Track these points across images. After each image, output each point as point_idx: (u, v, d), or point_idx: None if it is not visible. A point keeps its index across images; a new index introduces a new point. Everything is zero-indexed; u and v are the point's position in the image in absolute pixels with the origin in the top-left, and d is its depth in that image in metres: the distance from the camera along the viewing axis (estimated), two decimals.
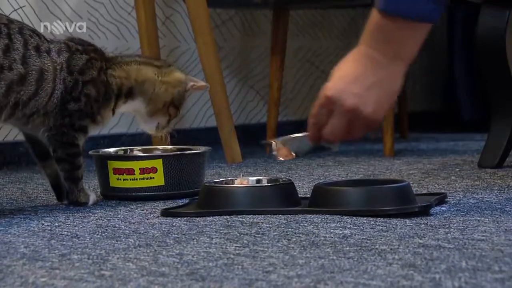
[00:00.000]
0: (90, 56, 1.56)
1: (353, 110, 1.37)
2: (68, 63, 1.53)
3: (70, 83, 1.52)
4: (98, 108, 1.56)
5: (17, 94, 1.48)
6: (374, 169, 2.12)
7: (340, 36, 3.17)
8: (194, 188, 1.72)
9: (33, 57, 1.49)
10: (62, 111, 1.52)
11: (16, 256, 1.19)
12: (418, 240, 1.25)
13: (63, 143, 1.53)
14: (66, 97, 1.52)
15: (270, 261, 1.13)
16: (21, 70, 1.47)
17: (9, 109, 1.48)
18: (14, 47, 1.47)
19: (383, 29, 1.39)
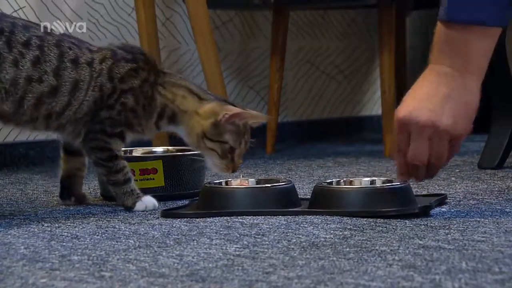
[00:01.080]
0: (138, 65, 1.52)
1: (429, 125, 1.31)
2: (110, 70, 1.51)
3: (108, 90, 1.50)
4: (135, 118, 1.52)
5: (48, 106, 1.47)
6: (375, 170, 2.12)
7: (340, 37, 3.17)
8: (194, 189, 1.71)
9: (68, 69, 1.48)
10: (93, 117, 1.50)
11: (16, 257, 1.19)
12: (418, 241, 1.25)
13: (93, 148, 1.51)
14: (101, 104, 1.50)
15: (270, 262, 1.13)
16: (53, 82, 1.46)
17: (42, 121, 1.48)
18: (46, 59, 1.46)
19: (448, 40, 1.34)
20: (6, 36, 1.44)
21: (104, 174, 1.53)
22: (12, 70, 1.44)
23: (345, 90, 3.20)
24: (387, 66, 2.49)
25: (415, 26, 3.40)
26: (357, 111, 3.24)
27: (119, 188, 1.53)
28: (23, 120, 1.48)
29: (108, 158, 1.52)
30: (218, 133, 1.53)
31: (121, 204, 1.55)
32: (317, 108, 3.11)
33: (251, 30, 2.93)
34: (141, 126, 1.54)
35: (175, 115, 1.55)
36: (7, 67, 1.44)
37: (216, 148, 1.53)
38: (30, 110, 1.47)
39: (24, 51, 1.45)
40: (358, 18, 3.21)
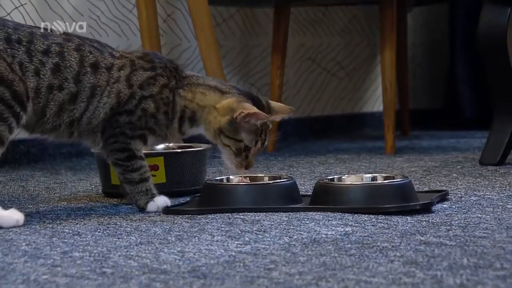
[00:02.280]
0: (156, 72, 1.52)
1: None
2: (128, 78, 1.50)
3: (125, 96, 1.49)
4: (156, 124, 1.51)
5: (70, 113, 1.47)
6: (376, 167, 2.12)
7: (342, 33, 3.17)
8: (195, 186, 1.72)
9: (87, 74, 1.47)
10: (111, 123, 1.49)
11: (17, 254, 1.19)
12: (420, 237, 1.25)
13: (113, 151, 1.50)
14: (118, 110, 1.49)
15: (271, 259, 1.13)
16: (73, 89, 1.46)
17: (65, 128, 1.48)
18: (67, 65, 1.46)
19: None
20: (25, 46, 1.44)
21: (120, 173, 1.53)
22: (34, 80, 1.44)
23: (347, 87, 3.20)
24: (389, 63, 2.48)
25: (416, 22, 3.40)
26: (358, 108, 3.24)
27: (133, 187, 1.52)
28: (46, 128, 1.48)
29: (127, 158, 1.51)
30: (234, 130, 1.51)
31: (134, 204, 1.54)
32: (319, 105, 3.11)
33: (252, 27, 2.92)
34: (163, 131, 1.53)
35: (195, 114, 1.53)
36: (29, 76, 1.43)
37: (231, 145, 1.51)
38: (52, 118, 1.47)
39: (44, 59, 1.45)
40: (359, 15, 3.20)
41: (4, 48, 1.42)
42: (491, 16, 2.05)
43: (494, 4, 2.05)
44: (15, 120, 1.41)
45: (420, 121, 3.27)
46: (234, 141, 1.51)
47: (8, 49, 1.42)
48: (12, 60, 1.42)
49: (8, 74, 1.40)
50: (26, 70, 1.43)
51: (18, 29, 1.45)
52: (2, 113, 1.39)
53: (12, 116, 1.40)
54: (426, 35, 3.46)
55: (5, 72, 1.40)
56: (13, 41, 1.43)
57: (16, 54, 1.43)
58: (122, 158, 1.51)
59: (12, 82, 1.40)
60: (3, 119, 1.39)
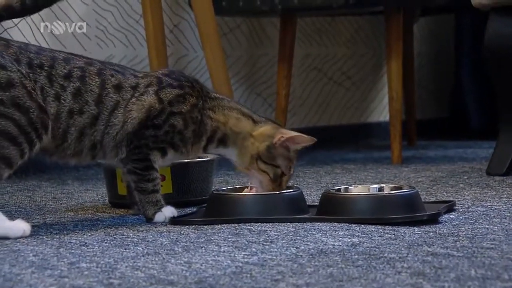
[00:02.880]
0: (184, 91, 1.52)
1: None
2: (157, 93, 1.50)
3: (156, 111, 1.50)
4: (181, 141, 1.52)
5: (91, 136, 1.47)
6: (382, 177, 2.12)
7: (348, 44, 3.17)
8: (202, 196, 1.72)
9: (110, 94, 1.48)
10: (137, 136, 1.49)
11: (25, 265, 1.19)
12: (427, 248, 1.24)
13: (134, 160, 1.51)
14: (146, 123, 1.49)
15: (278, 269, 1.13)
16: (94, 111, 1.46)
17: (88, 152, 1.48)
18: (88, 89, 1.46)
19: None
20: (46, 71, 1.44)
21: (134, 181, 1.53)
22: (54, 105, 1.44)
23: (353, 97, 3.20)
24: (395, 73, 2.48)
25: (423, 32, 3.40)
26: (364, 118, 3.24)
27: (144, 196, 1.52)
28: (68, 154, 1.48)
29: (145, 167, 1.51)
30: (271, 156, 1.52)
31: (142, 213, 1.54)
32: (325, 115, 3.11)
33: (258, 37, 2.93)
34: (186, 149, 1.54)
35: (226, 137, 1.54)
36: (50, 101, 1.43)
37: (269, 171, 1.53)
38: (74, 143, 1.47)
39: (65, 83, 1.45)
40: (365, 25, 3.21)
41: (27, 72, 1.42)
42: (498, 27, 2.05)
43: (501, 15, 2.05)
44: (29, 146, 1.41)
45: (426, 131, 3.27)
46: (272, 167, 1.53)
47: (31, 74, 1.42)
48: (34, 85, 1.42)
49: (26, 101, 1.40)
50: (47, 95, 1.43)
51: (40, 54, 1.45)
52: (17, 138, 1.40)
53: (26, 142, 1.40)
54: (432, 45, 3.46)
55: (23, 98, 1.40)
56: (35, 65, 1.43)
57: (38, 78, 1.43)
58: (141, 168, 1.51)
59: (29, 109, 1.40)
60: (16, 144, 1.40)
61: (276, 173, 1.53)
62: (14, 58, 1.42)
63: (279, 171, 1.53)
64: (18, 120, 1.40)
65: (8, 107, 1.39)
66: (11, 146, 1.39)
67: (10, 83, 1.40)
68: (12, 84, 1.40)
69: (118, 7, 2.57)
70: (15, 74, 1.41)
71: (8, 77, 1.40)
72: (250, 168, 1.54)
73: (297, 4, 2.44)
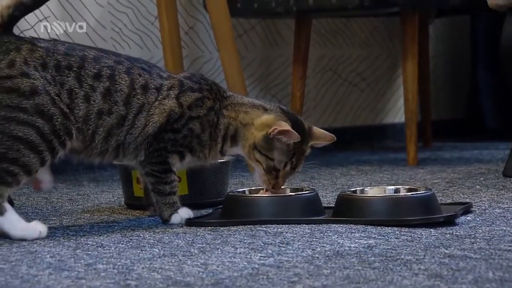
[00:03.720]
0: (203, 94, 1.53)
1: None
2: (177, 97, 1.51)
3: (176, 115, 1.50)
4: (199, 145, 1.52)
5: (118, 137, 1.48)
6: (398, 178, 2.11)
7: (363, 45, 3.16)
8: (217, 198, 1.72)
9: (137, 96, 1.48)
10: (157, 139, 1.50)
11: (42, 266, 1.20)
12: (444, 250, 1.24)
13: (152, 163, 1.51)
14: (166, 127, 1.50)
15: (295, 271, 1.13)
16: (122, 112, 1.47)
17: (113, 151, 1.49)
18: (117, 88, 1.47)
19: None
20: (75, 72, 1.44)
21: (152, 183, 1.53)
22: (84, 106, 1.44)
23: (368, 98, 3.19)
24: (410, 74, 2.48)
25: (438, 33, 3.39)
26: (379, 119, 3.23)
27: (162, 198, 1.53)
28: (94, 153, 1.48)
29: (163, 170, 1.52)
30: (267, 147, 1.51)
31: (159, 215, 1.54)
32: (340, 116, 3.11)
33: (273, 38, 2.93)
34: (203, 153, 1.54)
35: (237, 132, 1.54)
36: (79, 103, 1.44)
37: (263, 161, 1.51)
38: (101, 144, 1.47)
39: (95, 84, 1.45)
40: (380, 26, 3.20)
41: (53, 76, 1.42)
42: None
43: None
44: (50, 154, 1.41)
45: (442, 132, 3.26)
46: (265, 158, 1.51)
47: (57, 77, 1.43)
48: (60, 88, 1.43)
49: (50, 109, 1.41)
50: (75, 97, 1.44)
51: (69, 54, 1.45)
52: (38, 146, 1.40)
53: (47, 150, 1.41)
54: (448, 46, 3.45)
55: (46, 106, 1.41)
56: (63, 67, 1.44)
57: (66, 81, 1.43)
58: (160, 170, 1.52)
59: (53, 116, 1.41)
60: (37, 152, 1.40)
61: (269, 165, 1.51)
62: (40, 62, 1.42)
63: (272, 163, 1.51)
64: (41, 128, 1.40)
65: (32, 115, 1.40)
66: (32, 154, 1.40)
67: (33, 91, 1.40)
68: (35, 92, 1.40)
69: (133, 9, 2.57)
70: (38, 81, 1.41)
71: (31, 85, 1.41)
72: (250, 158, 1.53)
73: (312, 5, 2.43)
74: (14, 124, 1.39)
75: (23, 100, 1.39)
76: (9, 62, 1.40)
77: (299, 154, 1.53)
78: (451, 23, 3.42)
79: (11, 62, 1.40)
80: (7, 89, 1.40)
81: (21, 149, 1.39)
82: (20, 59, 1.41)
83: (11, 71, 1.40)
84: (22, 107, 1.39)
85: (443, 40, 3.42)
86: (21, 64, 1.41)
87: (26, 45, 1.43)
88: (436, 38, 3.37)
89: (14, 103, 1.39)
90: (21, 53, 1.41)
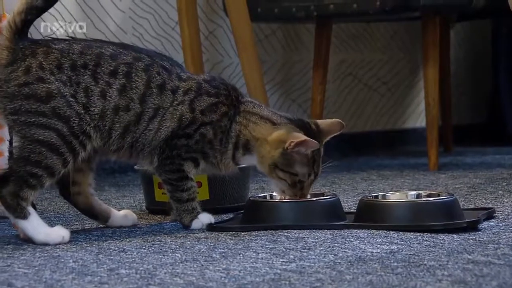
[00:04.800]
0: (219, 100, 1.52)
1: None
2: (191, 102, 1.51)
3: (187, 120, 1.50)
4: (211, 150, 1.52)
5: (134, 134, 1.48)
6: (419, 183, 2.10)
7: (383, 49, 3.16)
8: (238, 203, 1.72)
9: (153, 95, 1.48)
10: (170, 145, 1.50)
11: (65, 271, 1.20)
12: (467, 256, 1.23)
13: (167, 171, 1.51)
14: (178, 132, 1.50)
15: (317, 277, 1.13)
16: (138, 110, 1.47)
17: (127, 149, 1.49)
18: (133, 85, 1.47)
19: None
20: (91, 70, 1.45)
21: (169, 191, 1.53)
22: (100, 103, 1.45)
23: (388, 103, 3.18)
24: (432, 79, 2.47)
25: (459, 37, 3.37)
26: (400, 124, 3.22)
27: (180, 205, 1.53)
28: (110, 150, 1.49)
29: (179, 178, 1.52)
30: (288, 163, 1.49)
31: (179, 221, 1.55)
32: (360, 121, 3.10)
33: (293, 42, 2.93)
34: (216, 159, 1.53)
35: (249, 143, 1.52)
36: (95, 99, 1.45)
37: (287, 178, 1.50)
38: (117, 140, 1.48)
39: (111, 80, 1.46)
40: (400, 30, 3.19)
41: (68, 77, 1.43)
42: None
43: None
44: (72, 155, 1.42)
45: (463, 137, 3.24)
46: (289, 175, 1.50)
47: (73, 77, 1.44)
48: (77, 88, 1.44)
49: (66, 111, 1.42)
50: (91, 94, 1.44)
51: (85, 53, 1.45)
52: (60, 148, 1.41)
53: (68, 151, 1.42)
54: (469, 50, 3.43)
55: (62, 108, 1.42)
56: (79, 66, 1.44)
57: (82, 79, 1.44)
58: (175, 178, 1.52)
59: (70, 118, 1.42)
60: (59, 153, 1.42)
61: (294, 180, 1.50)
62: (55, 64, 1.44)
63: (297, 178, 1.50)
64: (61, 130, 1.42)
65: (51, 118, 1.41)
66: (54, 156, 1.41)
67: (49, 95, 1.42)
68: (51, 96, 1.42)
69: (154, 15, 2.58)
70: (53, 85, 1.42)
71: (47, 89, 1.42)
72: (271, 177, 1.52)
73: (333, 10, 2.43)
74: (35, 128, 1.41)
75: (41, 104, 1.41)
76: (25, 69, 1.42)
77: (318, 158, 1.52)
78: (472, 27, 3.41)
79: (27, 68, 1.42)
80: (26, 95, 1.42)
81: (43, 152, 1.41)
82: (36, 64, 1.42)
83: (28, 78, 1.42)
84: (41, 111, 1.41)
85: (465, 44, 3.40)
86: (37, 69, 1.42)
87: (41, 48, 1.44)
88: (457, 42, 3.36)
89: (33, 108, 1.41)
90: (37, 57, 1.43)
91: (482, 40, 3.43)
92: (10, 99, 1.42)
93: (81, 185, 1.54)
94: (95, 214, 1.57)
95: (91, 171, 1.54)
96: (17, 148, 1.43)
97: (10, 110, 1.42)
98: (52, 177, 1.42)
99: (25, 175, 1.40)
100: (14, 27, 1.43)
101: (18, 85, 1.42)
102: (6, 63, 1.43)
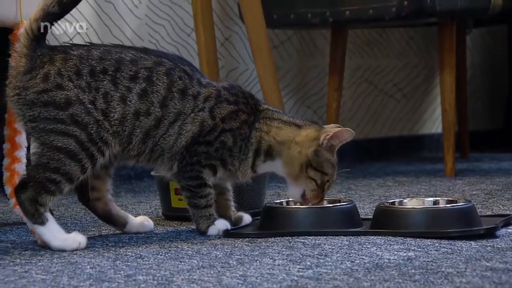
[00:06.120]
0: (238, 107, 1.53)
1: None
2: (211, 109, 1.51)
3: (209, 127, 1.51)
4: (230, 157, 1.52)
5: (154, 139, 1.48)
6: (436, 190, 2.10)
7: (399, 55, 3.15)
8: (255, 209, 1.72)
9: (174, 100, 1.48)
10: (190, 152, 1.50)
11: (82, 277, 1.21)
12: (485, 263, 1.22)
13: (186, 178, 1.52)
14: (199, 139, 1.50)
15: (334, 284, 1.13)
16: (158, 114, 1.47)
17: (148, 153, 1.49)
18: (154, 89, 1.47)
19: None
20: (110, 75, 1.45)
21: (187, 197, 1.54)
22: (120, 108, 1.45)
23: (404, 108, 3.17)
24: (448, 84, 2.46)
25: (476, 43, 3.36)
26: (416, 130, 3.21)
27: (197, 211, 1.53)
28: (131, 155, 1.49)
29: (198, 185, 1.52)
30: (320, 162, 1.51)
31: (196, 227, 1.55)
32: (376, 127, 3.09)
33: (309, 49, 2.93)
34: (234, 166, 1.53)
35: (271, 148, 1.53)
36: (115, 105, 1.45)
37: (318, 178, 1.51)
38: (138, 145, 1.48)
39: (131, 85, 1.46)
40: (416, 36, 3.18)
41: (87, 83, 1.44)
42: None
43: None
44: (90, 161, 1.43)
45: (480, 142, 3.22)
46: (320, 174, 1.51)
47: (92, 83, 1.44)
48: (96, 94, 1.44)
49: (84, 117, 1.43)
50: (111, 99, 1.45)
51: (104, 58, 1.45)
52: (78, 155, 1.42)
53: (87, 158, 1.43)
54: (486, 56, 3.42)
55: (81, 115, 1.43)
56: (98, 72, 1.45)
57: (101, 85, 1.44)
58: (194, 185, 1.52)
59: (88, 125, 1.43)
60: (77, 160, 1.42)
61: (323, 181, 1.51)
62: (74, 70, 1.44)
63: (326, 178, 1.51)
64: (79, 137, 1.42)
65: (69, 125, 1.42)
66: (72, 162, 1.42)
67: (68, 102, 1.43)
68: (70, 103, 1.43)
69: (170, 21, 2.59)
70: (72, 92, 1.43)
71: (66, 96, 1.43)
72: (298, 177, 1.52)
73: (348, 16, 2.43)
74: (54, 135, 1.42)
75: (59, 111, 1.42)
76: (44, 76, 1.43)
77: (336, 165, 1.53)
78: (489, 33, 3.39)
79: (46, 75, 1.43)
80: (44, 102, 1.42)
81: (61, 159, 1.41)
82: (54, 71, 1.43)
83: (46, 85, 1.43)
84: (60, 118, 1.42)
85: (481, 50, 3.39)
86: (55, 76, 1.43)
87: (59, 55, 1.45)
88: (474, 48, 3.34)
89: (51, 115, 1.42)
90: (55, 64, 1.43)
91: (499, 45, 3.41)
92: (29, 107, 1.43)
93: (99, 191, 1.55)
94: (113, 220, 1.57)
95: (109, 177, 1.54)
96: (36, 154, 1.44)
97: (29, 117, 1.43)
98: (70, 183, 1.43)
99: (43, 181, 1.41)
100: (31, 34, 1.44)
101: (36, 92, 1.43)
102: (24, 71, 1.44)
